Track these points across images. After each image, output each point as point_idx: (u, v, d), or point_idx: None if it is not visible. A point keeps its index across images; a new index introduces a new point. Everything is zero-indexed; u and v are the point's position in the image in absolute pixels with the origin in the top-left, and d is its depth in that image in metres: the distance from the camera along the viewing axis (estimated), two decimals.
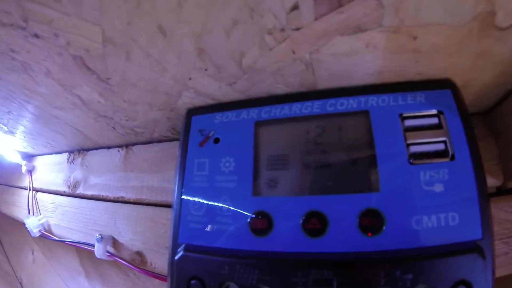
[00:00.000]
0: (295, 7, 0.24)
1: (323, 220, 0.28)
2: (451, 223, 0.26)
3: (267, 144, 0.33)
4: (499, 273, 0.32)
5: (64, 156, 0.68)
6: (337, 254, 0.27)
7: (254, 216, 0.30)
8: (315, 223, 0.28)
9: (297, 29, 0.25)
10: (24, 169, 0.75)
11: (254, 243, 0.30)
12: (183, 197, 0.34)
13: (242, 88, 0.34)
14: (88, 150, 0.63)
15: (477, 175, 0.27)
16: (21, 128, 0.59)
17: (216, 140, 0.34)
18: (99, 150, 0.60)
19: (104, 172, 0.57)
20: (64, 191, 0.66)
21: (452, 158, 0.28)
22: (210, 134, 0.35)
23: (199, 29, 0.26)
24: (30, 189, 0.73)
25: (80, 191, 0.62)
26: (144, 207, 0.51)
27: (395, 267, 0.26)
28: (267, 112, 0.34)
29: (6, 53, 0.33)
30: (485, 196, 0.27)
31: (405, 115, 0.30)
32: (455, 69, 0.29)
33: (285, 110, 0.33)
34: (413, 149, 0.29)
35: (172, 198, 0.35)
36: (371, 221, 0.28)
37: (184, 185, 0.34)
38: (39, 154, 0.77)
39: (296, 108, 0.33)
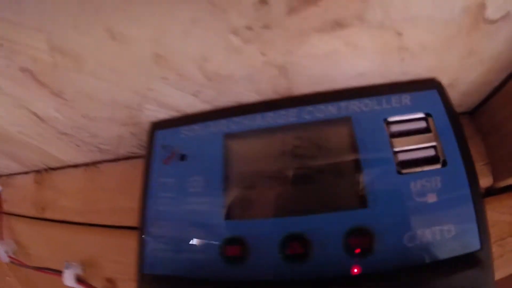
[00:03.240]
0: (263, 1, 0.20)
1: (306, 243, 0.25)
2: (447, 235, 0.24)
3: (239, 160, 0.29)
4: (495, 276, 0.30)
5: (32, 176, 0.64)
6: (324, 280, 0.24)
7: (226, 242, 0.27)
8: (297, 247, 0.25)
9: (267, 27, 0.22)
10: None
11: (227, 273, 0.26)
12: (147, 222, 0.30)
13: (209, 97, 0.30)
14: (55, 169, 0.58)
15: (470, 180, 0.25)
16: None
17: (183, 157, 0.31)
18: (66, 169, 0.56)
19: (72, 194, 0.53)
20: (33, 215, 0.61)
21: (444, 164, 0.26)
22: (176, 151, 0.31)
23: (152, 30, 0.23)
24: None
25: (48, 214, 0.57)
26: (115, 230, 0.46)
27: None
28: (237, 124, 0.30)
29: None
30: (480, 203, 0.24)
31: (390, 120, 0.28)
32: (443, 67, 0.27)
33: (258, 120, 0.30)
34: (402, 156, 0.27)
35: None
36: (359, 241, 0.25)
37: (148, 209, 0.30)
38: (6, 174, 0.72)
39: (270, 118, 0.30)
